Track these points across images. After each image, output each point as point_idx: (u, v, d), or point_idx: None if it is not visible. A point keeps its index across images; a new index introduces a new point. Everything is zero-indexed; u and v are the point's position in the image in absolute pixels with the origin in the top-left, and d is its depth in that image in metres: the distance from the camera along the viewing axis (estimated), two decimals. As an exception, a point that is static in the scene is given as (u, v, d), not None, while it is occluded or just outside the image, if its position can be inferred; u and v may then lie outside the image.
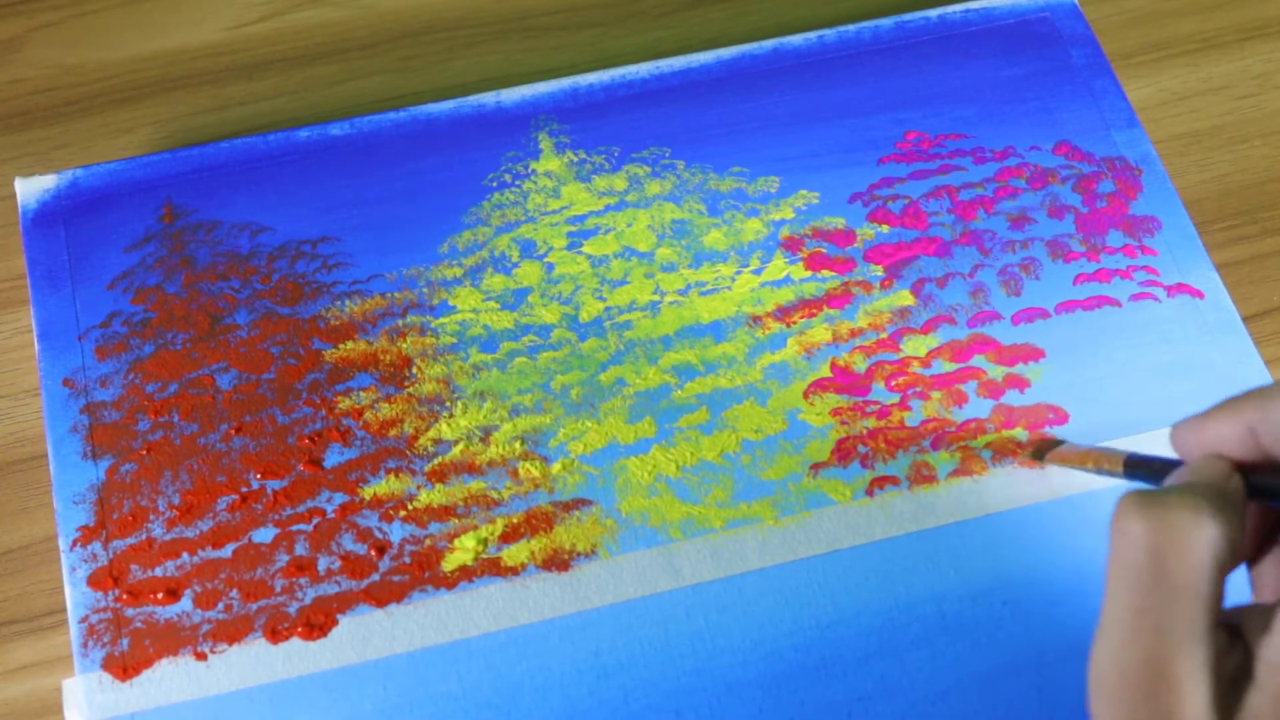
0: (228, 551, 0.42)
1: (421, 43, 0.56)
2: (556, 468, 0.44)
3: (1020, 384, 0.45)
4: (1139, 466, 0.38)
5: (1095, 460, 0.41)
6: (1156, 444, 0.44)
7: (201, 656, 0.41)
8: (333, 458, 0.44)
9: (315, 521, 0.43)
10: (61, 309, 0.46)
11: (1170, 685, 0.27)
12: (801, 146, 0.50)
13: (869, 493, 0.43)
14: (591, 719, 0.40)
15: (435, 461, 0.44)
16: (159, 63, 0.55)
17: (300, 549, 0.42)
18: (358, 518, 0.43)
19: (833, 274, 0.47)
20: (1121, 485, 0.43)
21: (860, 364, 0.46)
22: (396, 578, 0.42)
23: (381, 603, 0.42)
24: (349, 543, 0.42)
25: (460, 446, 0.44)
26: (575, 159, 0.50)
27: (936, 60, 0.52)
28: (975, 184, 0.49)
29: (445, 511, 0.43)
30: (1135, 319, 0.46)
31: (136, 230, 0.48)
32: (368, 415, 0.45)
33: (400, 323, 0.46)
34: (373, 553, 0.42)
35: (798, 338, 0.46)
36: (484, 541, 0.43)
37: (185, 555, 0.42)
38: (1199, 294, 0.47)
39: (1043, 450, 0.44)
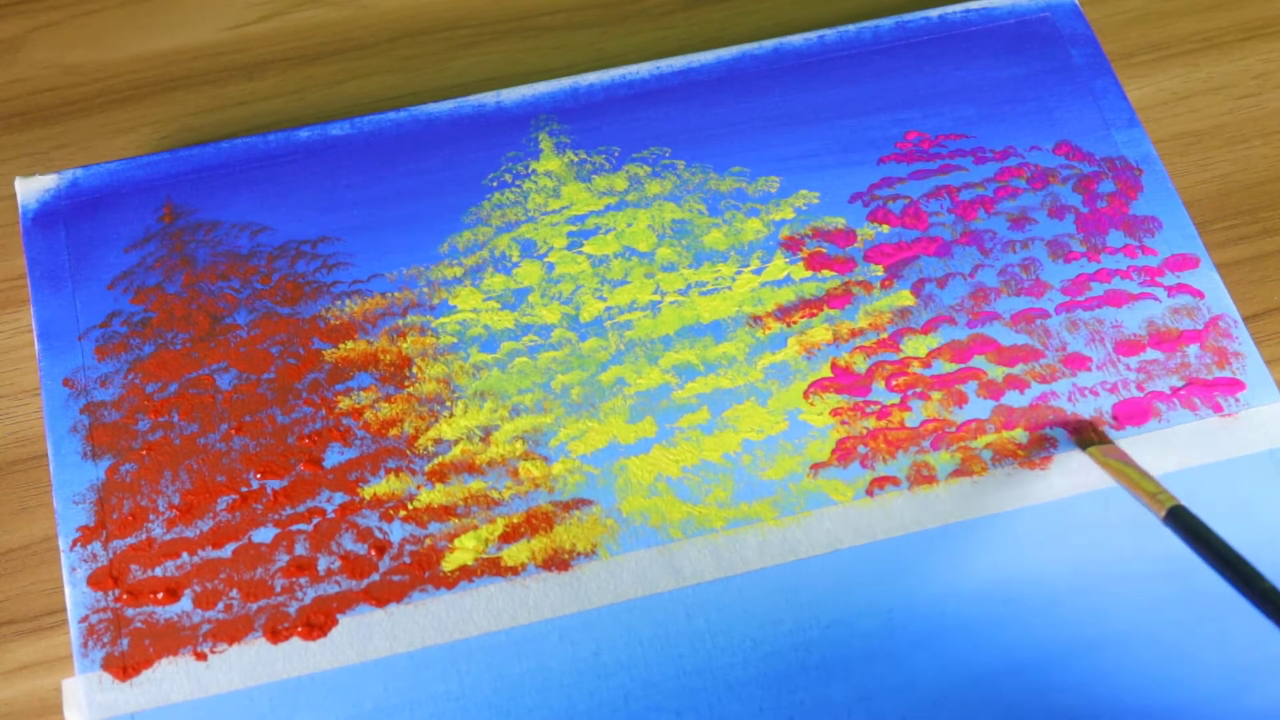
0: (228, 551, 0.42)
1: (421, 43, 0.56)
2: (557, 467, 0.44)
3: (1020, 385, 0.45)
4: (1184, 526, 0.37)
5: (1136, 484, 0.40)
6: (1156, 444, 0.44)
7: (201, 656, 0.41)
8: (333, 457, 0.44)
9: (315, 521, 0.43)
10: (61, 309, 0.46)
11: None
12: (802, 146, 0.50)
13: (869, 493, 0.43)
14: (591, 719, 0.40)
15: (435, 461, 0.44)
16: (159, 63, 0.55)
17: (300, 549, 0.42)
18: (358, 517, 0.43)
19: (833, 274, 0.47)
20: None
21: (860, 364, 0.46)
22: (396, 578, 0.42)
23: (381, 603, 0.42)
24: (349, 543, 0.42)
25: (460, 446, 0.44)
26: (575, 159, 0.50)
27: (937, 60, 0.52)
28: (975, 184, 0.49)
29: (445, 511, 0.43)
30: (1135, 319, 0.46)
31: (136, 230, 0.48)
32: (368, 415, 0.45)
33: (400, 322, 0.46)
34: (373, 553, 0.42)
35: (798, 338, 0.46)
36: (484, 541, 0.43)
37: (185, 555, 0.42)
38: (1199, 294, 0.47)
39: (1086, 439, 0.43)
